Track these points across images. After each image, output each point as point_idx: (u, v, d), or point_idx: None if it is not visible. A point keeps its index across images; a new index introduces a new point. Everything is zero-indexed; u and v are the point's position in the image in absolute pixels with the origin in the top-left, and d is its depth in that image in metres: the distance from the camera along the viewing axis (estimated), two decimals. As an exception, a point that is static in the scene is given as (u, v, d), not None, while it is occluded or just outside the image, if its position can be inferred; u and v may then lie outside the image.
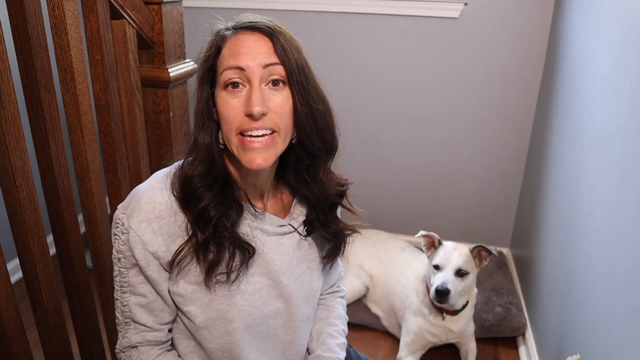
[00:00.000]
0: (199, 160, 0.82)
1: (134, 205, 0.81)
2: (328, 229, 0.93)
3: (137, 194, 0.82)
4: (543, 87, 2.20)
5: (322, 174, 0.88)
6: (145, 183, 0.85)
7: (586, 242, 1.42)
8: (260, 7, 2.39)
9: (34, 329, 1.06)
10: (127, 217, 0.80)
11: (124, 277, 0.85)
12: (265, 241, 0.88)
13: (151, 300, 0.86)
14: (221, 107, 0.78)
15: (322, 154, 0.86)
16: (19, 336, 0.96)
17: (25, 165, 0.93)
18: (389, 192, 2.59)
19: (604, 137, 1.35)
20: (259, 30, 0.79)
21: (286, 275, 0.90)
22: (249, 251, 0.84)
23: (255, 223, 0.87)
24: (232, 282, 0.84)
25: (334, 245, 0.97)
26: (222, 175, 0.83)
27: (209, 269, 0.82)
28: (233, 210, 0.83)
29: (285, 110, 0.78)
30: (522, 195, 2.40)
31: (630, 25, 1.24)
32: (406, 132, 2.47)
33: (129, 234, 0.80)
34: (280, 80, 0.78)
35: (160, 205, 0.81)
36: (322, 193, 0.89)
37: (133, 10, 1.16)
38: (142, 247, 0.80)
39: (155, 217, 0.80)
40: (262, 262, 0.88)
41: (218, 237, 0.81)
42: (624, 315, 1.11)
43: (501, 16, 2.19)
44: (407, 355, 1.86)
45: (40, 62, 0.95)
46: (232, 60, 0.77)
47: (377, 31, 2.34)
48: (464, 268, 1.71)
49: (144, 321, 0.87)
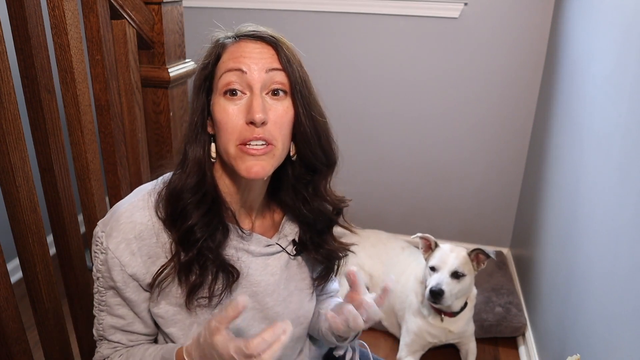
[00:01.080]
0: (189, 173, 0.78)
1: (113, 224, 0.78)
2: (321, 250, 0.90)
3: (117, 212, 0.79)
4: (543, 87, 2.20)
5: (322, 189, 0.85)
6: (126, 200, 0.81)
7: (586, 242, 1.41)
8: (261, 7, 2.39)
9: (34, 329, 1.06)
10: (106, 236, 0.77)
11: (102, 296, 0.82)
12: (251, 262, 0.85)
13: (128, 323, 0.83)
14: (219, 115, 0.75)
15: (324, 169, 0.83)
16: (19, 336, 0.96)
17: (25, 165, 0.93)
18: (389, 192, 2.59)
19: (604, 137, 1.35)
20: (263, 40, 0.76)
21: (272, 297, 0.87)
22: (232, 274, 0.80)
23: (241, 244, 0.84)
24: (214, 306, 0.81)
25: (325, 267, 0.93)
26: (212, 192, 0.79)
27: (190, 292, 0.79)
28: (219, 232, 0.80)
29: (284, 122, 0.76)
30: (522, 195, 2.40)
31: (630, 25, 1.24)
32: (406, 132, 2.47)
33: (107, 254, 0.77)
34: (281, 90, 0.76)
35: (141, 225, 0.77)
36: (320, 210, 0.86)
37: (133, 10, 1.16)
38: (120, 269, 0.77)
39: (134, 237, 0.77)
40: (247, 285, 0.85)
41: (202, 259, 0.78)
42: (624, 315, 1.11)
43: (501, 16, 2.19)
44: (407, 355, 1.86)
45: (40, 62, 0.95)
46: (232, 63, 0.74)
47: (377, 31, 2.34)
48: (460, 270, 1.70)
49: (117, 339, 0.85)
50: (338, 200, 0.89)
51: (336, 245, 0.91)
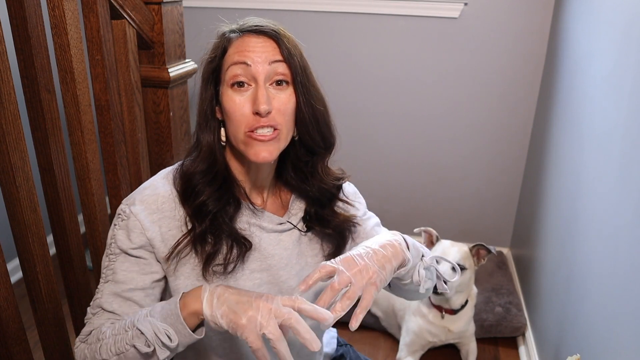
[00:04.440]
0: (201, 158, 0.85)
1: (137, 196, 0.84)
2: (328, 223, 0.94)
3: (141, 187, 0.86)
4: (543, 87, 2.20)
5: (320, 170, 0.91)
6: (149, 180, 0.89)
7: (586, 242, 1.41)
8: (261, 7, 2.39)
9: (34, 329, 1.06)
10: (130, 205, 0.83)
11: (111, 263, 0.83)
12: (264, 237, 0.89)
13: (129, 288, 0.82)
14: (228, 105, 0.81)
15: (322, 151, 0.90)
16: (19, 336, 0.96)
17: (25, 165, 0.93)
18: (388, 192, 2.59)
19: (604, 137, 1.35)
20: (265, 34, 0.82)
21: (285, 270, 0.91)
22: (245, 245, 0.86)
23: (253, 220, 0.89)
24: (229, 274, 0.85)
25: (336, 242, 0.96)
26: (223, 172, 0.86)
27: (207, 260, 0.83)
28: (231, 206, 0.86)
29: (288, 109, 0.82)
30: (522, 195, 2.40)
31: (630, 26, 1.24)
32: (406, 132, 2.47)
33: (129, 219, 0.82)
34: (284, 81, 0.82)
35: (163, 197, 0.84)
36: (320, 187, 0.92)
37: (133, 10, 1.16)
38: (140, 231, 0.82)
39: (157, 209, 0.83)
40: (261, 258, 0.89)
41: (215, 230, 0.84)
42: (624, 315, 1.11)
43: (501, 16, 2.19)
44: (407, 355, 1.86)
45: (40, 62, 0.95)
46: (237, 56, 0.80)
47: (377, 31, 2.34)
48: (461, 264, 1.72)
49: (112, 308, 0.82)
50: (335, 179, 0.94)
51: (341, 218, 0.96)
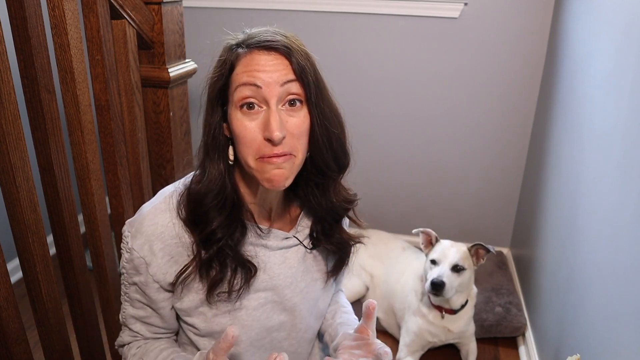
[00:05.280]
0: (209, 181, 0.80)
1: (138, 227, 0.82)
2: (332, 240, 0.92)
3: (142, 215, 0.83)
4: (543, 87, 2.20)
5: (331, 191, 0.87)
6: (150, 202, 0.85)
7: (586, 242, 1.42)
8: (261, 7, 2.38)
9: (34, 329, 1.06)
10: (132, 236, 0.82)
11: (127, 288, 0.88)
12: (269, 257, 0.88)
13: (147, 316, 0.89)
14: (237, 129, 0.75)
15: (334, 174, 0.85)
16: (19, 336, 0.96)
17: (25, 165, 0.93)
18: (389, 192, 2.59)
19: (604, 137, 1.35)
20: (277, 50, 0.74)
21: (290, 289, 0.90)
22: (250, 270, 0.84)
23: (259, 240, 0.87)
24: (233, 300, 0.85)
25: (338, 258, 0.96)
26: (232, 197, 0.81)
27: (211, 287, 0.82)
28: (238, 231, 0.83)
29: (302, 131, 0.76)
30: (522, 195, 2.40)
31: (630, 26, 1.24)
32: (406, 132, 2.47)
33: (132, 254, 0.82)
34: (297, 100, 0.75)
35: (162, 227, 0.81)
36: (329, 207, 0.88)
37: (133, 10, 1.16)
38: (145, 268, 0.82)
39: (157, 238, 0.81)
40: (266, 278, 0.88)
41: (221, 257, 0.82)
42: (624, 315, 1.11)
43: (501, 16, 2.19)
44: (407, 355, 1.86)
45: (40, 62, 0.95)
46: (247, 77, 0.73)
47: (377, 31, 2.34)
48: (460, 264, 1.72)
49: (137, 330, 0.91)
50: (345, 202, 0.90)
51: (345, 237, 0.94)
